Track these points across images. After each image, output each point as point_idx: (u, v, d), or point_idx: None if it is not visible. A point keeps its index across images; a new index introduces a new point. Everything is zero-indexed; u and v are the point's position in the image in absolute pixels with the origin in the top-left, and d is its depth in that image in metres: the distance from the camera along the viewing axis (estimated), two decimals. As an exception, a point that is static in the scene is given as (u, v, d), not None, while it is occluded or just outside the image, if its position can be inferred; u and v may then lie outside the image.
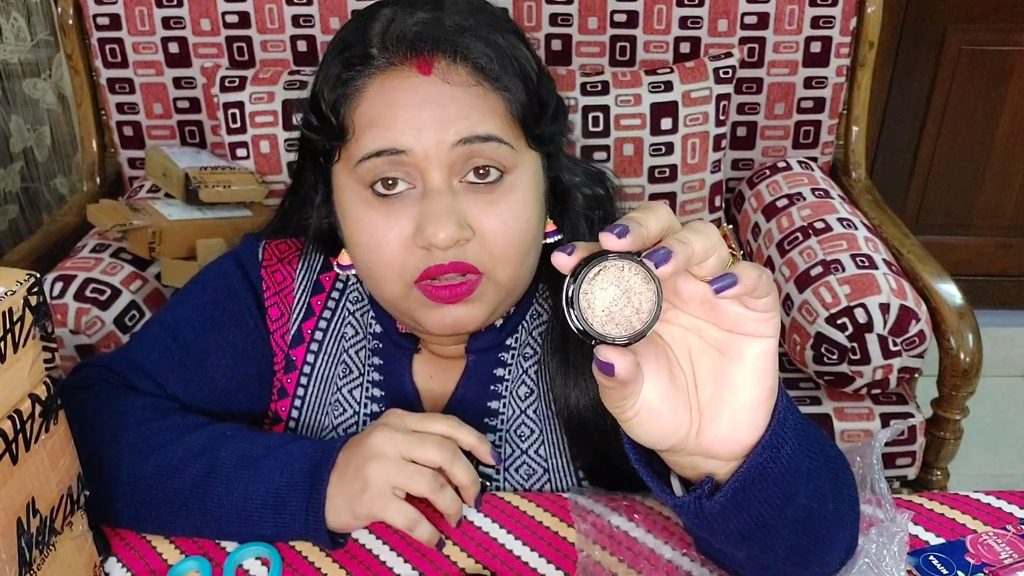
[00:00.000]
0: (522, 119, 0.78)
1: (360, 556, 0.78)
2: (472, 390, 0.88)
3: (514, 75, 0.77)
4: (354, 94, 0.77)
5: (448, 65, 0.76)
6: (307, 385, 0.90)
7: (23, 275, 0.63)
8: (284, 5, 1.76)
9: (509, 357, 0.88)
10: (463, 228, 0.75)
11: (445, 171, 0.76)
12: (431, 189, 0.76)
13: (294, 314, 0.90)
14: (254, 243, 0.94)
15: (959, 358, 1.38)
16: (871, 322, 1.36)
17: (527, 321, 0.89)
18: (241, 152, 1.71)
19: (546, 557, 0.78)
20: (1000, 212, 2.61)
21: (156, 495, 0.78)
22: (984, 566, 0.74)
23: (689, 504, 0.58)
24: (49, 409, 0.65)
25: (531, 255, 0.81)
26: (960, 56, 2.41)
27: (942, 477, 1.49)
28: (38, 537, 0.65)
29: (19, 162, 2.07)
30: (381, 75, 0.76)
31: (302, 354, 0.90)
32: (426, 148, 0.74)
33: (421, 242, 0.75)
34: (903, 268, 1.51)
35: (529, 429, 0.87)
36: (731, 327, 0.53)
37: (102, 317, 1.43)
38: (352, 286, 0.92)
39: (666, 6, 1.75)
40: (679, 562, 0.77)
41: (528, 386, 0.88)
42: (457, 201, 0.76)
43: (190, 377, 0.88)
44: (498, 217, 0.77)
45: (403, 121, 0.75)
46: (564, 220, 0.86)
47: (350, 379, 0.90)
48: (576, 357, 0.83)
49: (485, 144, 0.75)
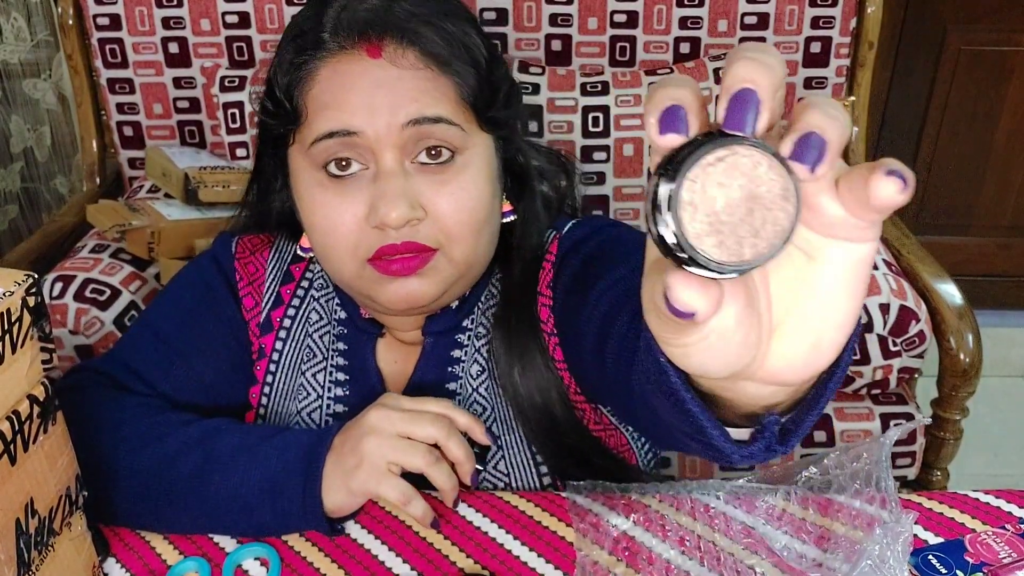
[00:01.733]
0: (473, 102, 0.80)
1: (359, 556, 0.78)
2: (430, 373, 0.89)
3: (464, 60, 0.79)
4: (306, 78, 0.79)
5: (397, 49, 0.78)
6: (275, 372, 0.92)
7: (21, 276, 0.63)
8: (284, 5, 1.76)
9: (465, 339, 0.89)
10: (415, 208, 0.77)
11: (397, 152, 0.77)
12: (383, 170, 0.77)
13: (264, 302, 0.92)
14: (227, 239, 0.96)
15: (959, 358, 1.38)
16: (871, 322, 1.36)
17: (481, 302, 0.90)
18: (241, 152, 1.71)
19: (544, 556, 0.78)
20: (1000, 212, 2.61)
21: (153, 489, 0.78)
22: (983, 565, 0.74)
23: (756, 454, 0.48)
24: (47, 410, 0.65)
25: (485, 234, 0.83)
26: (960, 56, 2.41)
27: (942, 477, 1.49)
28: (36, 538, 0.65)
29: (19, 162, 2.07)
30: (333, 59, 0.78)
31: (271, 342, 0.92)
32: (377, 130, 0.76)
33: (374, 222, 0.77)
34: (903, 268, 1.51)
35: (481, 407, 0.88)
36: (827, 231, 0.39)
37: (101, 317, 1.43)
38: (319, 274, 0.94)
39: (666, 6, 1.75)
40: (678, 561, 0.77)
41: (480, 364, 0.89)
42: (409, 182, 0.78)
43: (177, 373, 0.89)
44: (450, 196, 0.78)
45: (355, 103, 0.77)
46: (522, 201, 0.88)
47: (314, 363, 0.91)
48: (519, 339, 0.84)
49: (435, 126, 0.77)
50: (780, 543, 0.79)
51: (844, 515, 0.81)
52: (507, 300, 0.87)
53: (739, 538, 0.80)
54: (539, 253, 0.89)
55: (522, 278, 0.87)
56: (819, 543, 0.79)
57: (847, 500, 0.81)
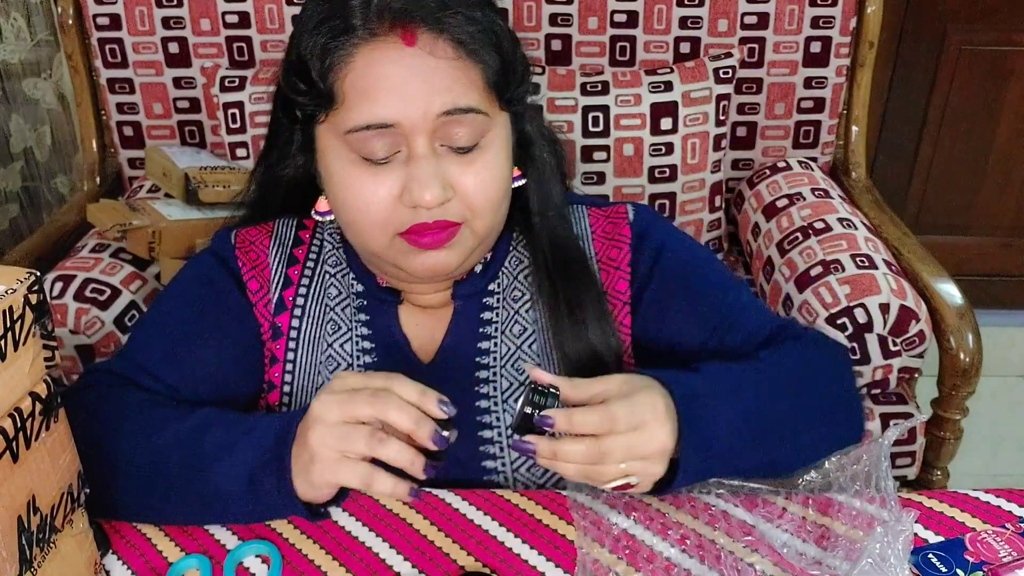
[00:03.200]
0: (496, 86, 0.85)
1: (360, 553, 0.78)
2: (462, 333, 0.94)
3: (490, 47, 0.83)
4: (341, 63, 0.81)
5: (432, 38, 0.81)
6: (296, 349, 0.94)
7: (23, 273, 0.63)
8: (284, 5, 1.76)
9: (495, 301, 0.95)
10: (446, 189, 0.82)
11: (428, 137, 0.82)
12: (416, 153, 0.82)
13: (273, 284, 0.95)
14: (224, 234, 0.99)
15: (959, 358, 1.38)
16: (871, 322, 1.36)
17: (508, 267, 0.96)
18: (241, 152, 1.71)
19: (545, 555, 0.78)
20: (1000, 212, 2.61)
21: (149, 482, 0.80)
22: (983, 564, 0.74)
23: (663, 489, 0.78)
24: (49, 407, 0.66)
25: (504, 204, 0.89)
26: (960, 56, 2.41)
27: (942, 477, 1.49)
28: (39, 535, 0.65)
29: (19, 162, 2.07)
30: (366, 46, 0.81)
31: (287, 320, 0.95)
32: (413, 119, 0.80)
33: (408, 202, 0.82)
34: (903, 268, 1.51)
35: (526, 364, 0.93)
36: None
37: (101, 317, 1.43)
38: (329, 252, 0.97)
39: (666, 6, 1.75)
40: (678, 559, 0.77)
41: (522, 324, 0.94)
42: (440, 164, 0.82)
43: (185, 365, 0.91)
44: (476, 176, 0.84)
45: (391, 94, 0.80)
46: (528, 166, 0.94)
47: (339, 335, 0.94)
48: (566, 301, 0.91)
49: (466, 115, 0.82)
50: (780, 541, 0.79)
51: (844, 515, 0.81)
52: (543, 264, 0.93)
53: (739, 536, 0.80)
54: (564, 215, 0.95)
55: (554, 243, 0.94)
56: (819, 542, 0.79)
57: (847, 500, 0.82)
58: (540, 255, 0.94)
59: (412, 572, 0.76)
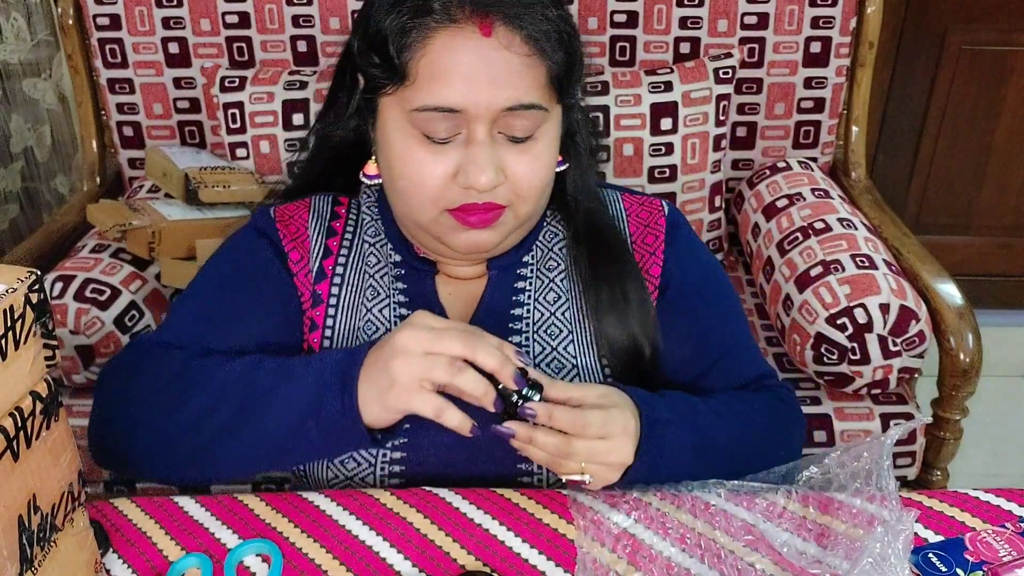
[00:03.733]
0: (558, 83, 0.88)
1: (360, 552, 0.78)
2: (496, 301, 0.98)
3: (558, 45, 0.87)
4: (418, 43, 0.84)
5: (507, 32, 0.84)
6: (335, 315, 0.98)
7: (24, 272, 0.63)
8: (284, 5, 1.76)
9: (528, 271, 0.99)
10: (499, 174, 0.86)
11: (489, 126, 0.85)
12: (475, 139, 0.85)
13: (313, 254, 0.98)
14: (264, 209, 1.02)
15: (959, 358, 1.38)
16: (871, 322, 1.37)
17: (543, 240, 1.01)
18: (241, 152, 1.71)
19: (546, 554, 0.78)
20: (1000, 212, 2.61)
21: (199, 431, 0.82)
22: (983, 564, 0.74)
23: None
24: (50, 406, 0.66)
25: (547, 191, 0.93)
26: (960, 56, 2.41)
27: (942, 477, 1.49)
28: (39, 534, 0.65)
29: (19, 162, 2.07)
30: (445, 30, 0.84)
31: (326, 288, 0.98)
32: (478, 108, 0.84)
33: (463, 183, 0.85)
34: (903, 268, 1.51)
35: (558, 328, 0.97)
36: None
37: (101, 317, 1.43)
38: (368, 224, 1.01)
39: (666, 6, 1.75)
40: (678, 559, 0.77)
41: (556, 292, 0.99)
42: (496, 150, 0.86)
43: (226, 334, 0.93)
44: (527, 164, 0.88)
45: (461, 81, 0.83)
46: (571, 153, 0.98)
47: (378, 301, 0.98)
48: (606, 298, 0.95)
49: (528, 111, 0.85)
50: (780, 540, 0.79)
51: (844, 513, 0.81)
52: (581, 239, 0.98)
53: (739, 535, 0.80)
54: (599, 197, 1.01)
55: (592, 221, 0.99)
56: (819, 540, 0.79)
57: (847, 499, 0.82)
58: (577, 231, 0.99)
59: (412, 571, 0.76)
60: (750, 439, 0.93)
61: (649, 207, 1.03)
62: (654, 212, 1.02)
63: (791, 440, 0.99)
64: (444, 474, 0.92)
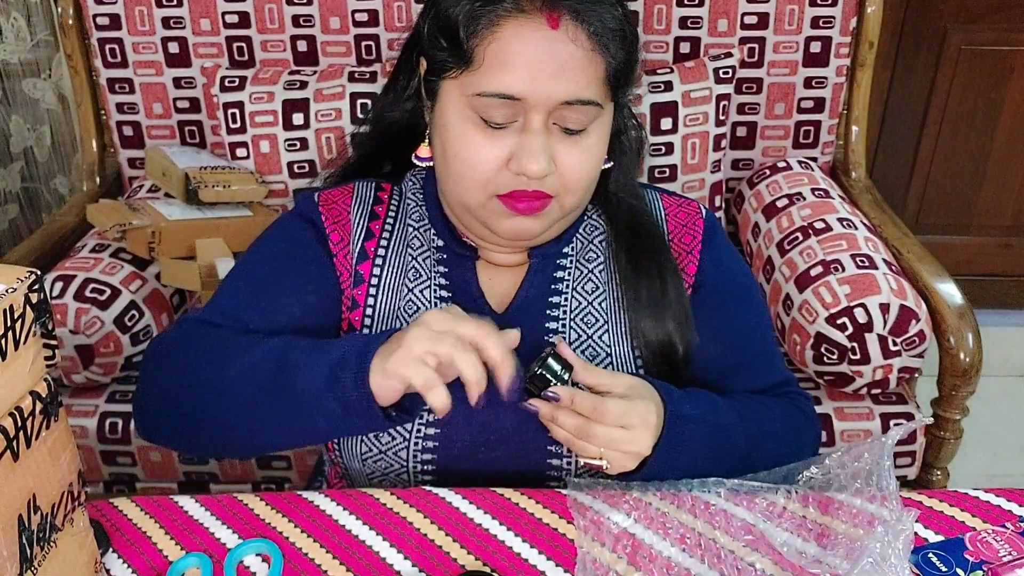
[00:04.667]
0: (615, 81, 0.90)
1: (360, 552, 0.78)
2: (535, 288, 1.00)
3: (620, 45, 0.89)
4: (488, 30, 0.86)
5: (573, 26, 0.86)
6: (376, 295, 1.00)
7: (24, 272, 0.63)
8: (284, 5, 1.76)
9: (567, 262, 1.01)
10: (550, 164, 0.88)
11: (546, 116, 0.87)
12: (531, 127, 0.87)
13: (354, 236, 1.01)
14: (308, 194, 1.05)
15: (959, 358, 1.38)
16: (871, 322, 1.37)
17: (583, 232, 1.03)
18: (241, 152, 1.71)
19: (546, 554, 0.78)
20: (1000, 212, 2.60)
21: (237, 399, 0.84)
22: (983, 563, 0.74)
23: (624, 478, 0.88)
24: (50, 406, 0.66)
25: (592, 185, 0.95)
26: (960, 56, 2.41)
27: (942, 477, 1.49)
28: (39, 534, 0.65)
29: (19, 162, 2.07)
30: (514, 19, 0.86)
31: (368, 268, 1.00)
32: (537, 98, 0.86)
33: (516, 169, 0.88)
34: (903, 268, 1.51)
35: (594, 318, 0.99)
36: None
37: (101, 317, 1.43)
38: (413, 208, 1.03)
39: (666, 6, 1.75)
40: (678, 559, 0.77)
41: (594, 283, 1.01)
42: (549, 140, 0.88)
43: (268, 312, 0.96)
44: (577, 158, 0.90)
45: (526, 70, 0.85)
46: (616, 151, 1.00)
47: (419, 282, 1.00)
48: (645, 293, 0.97)
49: (584, 106, 0.87)
50: (780, 540, 0.79)
51: (844, 513, 0.81)
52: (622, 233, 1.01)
53: (739, 535, 0.80)
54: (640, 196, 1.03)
55: (634, 219, 1.01)
56: (819, 540, 0.79)
57: (847, 499, 0.82)
58: (619, 227, 1.02)
59: (412, 571, 0.76)
60: (765, 443, 0.94)
61: (687, 208, 1.05)
62: (692, 214, 1.04)
63: (802, 448, 1.00)
64: (474, 455, 0.94)
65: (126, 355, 1.47)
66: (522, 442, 0.94)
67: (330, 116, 1.67)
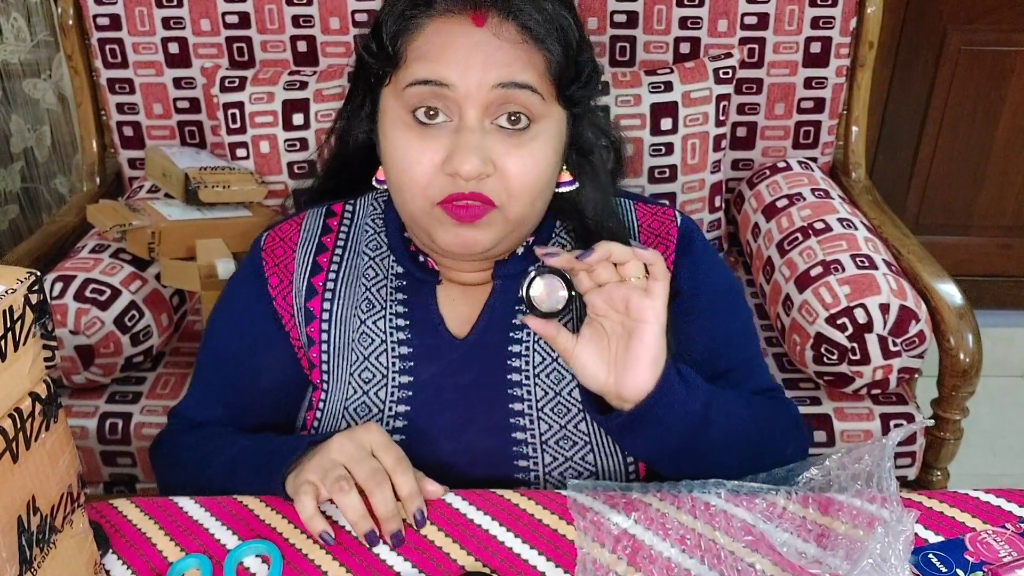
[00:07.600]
0: (557, 78, 0.88)
1: (360, 554, 0.78)
2: (498, 311, 0.98)
3: (556, 39, 0.87)
4: (412, 29, 0.87)
5: (500, 21, 0.86)
6: (328, 330, 0.99)
7: (23, 273, 0.63)
8: (284, 5, 1.76)
9: None
10: (486, 164, 0.85)
11: (481, 111, 0.86)
12: (465, 125, 0.86)
13: (299, 274, 1.00)
14: (257, 238, 1.04)
15: (959, 358, 1.38)
16: (871, 322, 1.37)
17: None
18: (241, 152, 1.71)
19: (546, 555, 0.78)
20: (1000, 212, 2.61)
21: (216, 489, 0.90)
22: (983, 564, 0.74)
23: (601, 421, 0.88)
24: (49, 407, 0.66)
25: (541, 198, 0.91)
26: (960, 56, 2.41)
27: (942, 477, 1.49)
28: (38, 535, 0.65)
29: (19, 162, 2.07)
30: (440, 18, 0.86)
31: (318, 303, 0.99)
32: (468, 86, 0.84)
33: (448, 170, 0.85)
34: (903, 268, 1.51)
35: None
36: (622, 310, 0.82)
37: (101, 317, 1.43)
38: (370, 237, 1.02)
39: (666, 6, 1.75)
40: (678, 560, 0.77)
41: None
42: (486, 139, 0.86)
43: (241, 388, 1.01)
44: (519, 160, 0.87)
45: (452, 59, 0.85)
46: (586, 172, 0.97)
47: (373, 313, 0.98)
48: None
49: (520, 91, 0.85)
50: (780, 541, 0.79)
51: (844, 514, 0.81)
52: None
53: (739, 536, 0.80)
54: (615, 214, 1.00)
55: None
56: (819, 541, 0.79)
57: (848, 499, 0.82)
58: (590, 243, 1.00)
59: (412, 572, 0.76)
60: (752, 427, 0.93)
61: (662, 217, 1.02)
62: (666, 222, 1.01)
63: (785, 443, 0.98)
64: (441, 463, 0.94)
65: (126, 355, 1.47)
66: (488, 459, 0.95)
67: (330, 116, 1.67)
